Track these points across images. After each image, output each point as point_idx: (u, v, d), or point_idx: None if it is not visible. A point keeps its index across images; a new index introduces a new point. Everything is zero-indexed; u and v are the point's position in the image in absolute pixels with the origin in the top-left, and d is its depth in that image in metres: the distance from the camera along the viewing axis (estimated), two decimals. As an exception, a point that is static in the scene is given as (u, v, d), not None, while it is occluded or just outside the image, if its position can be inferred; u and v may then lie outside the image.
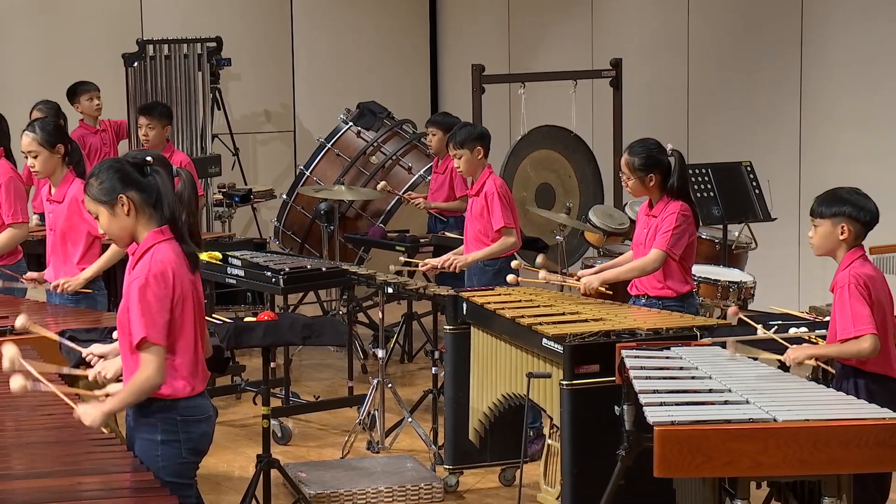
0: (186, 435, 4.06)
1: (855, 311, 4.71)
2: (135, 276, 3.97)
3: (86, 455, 3.91)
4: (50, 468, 3.77)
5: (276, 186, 10.76)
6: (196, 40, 10.31)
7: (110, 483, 3.67)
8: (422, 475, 6.43)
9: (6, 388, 4.18)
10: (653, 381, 4.37)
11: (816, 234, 4.89)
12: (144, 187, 4.04)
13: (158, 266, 3.95)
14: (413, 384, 8.32)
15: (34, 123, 6.25)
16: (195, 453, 4.13)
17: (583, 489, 5.21)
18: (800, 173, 9.03)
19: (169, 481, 3.90)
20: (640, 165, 5.98)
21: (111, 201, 4.02)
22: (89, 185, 4.08)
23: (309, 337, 6.04)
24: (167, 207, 4.04)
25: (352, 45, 11.76)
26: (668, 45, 9.95)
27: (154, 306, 3.92)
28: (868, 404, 4.11)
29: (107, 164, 4.10)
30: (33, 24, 10.53)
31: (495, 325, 5.89)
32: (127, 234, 4.06)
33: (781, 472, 3.84)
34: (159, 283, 3.94)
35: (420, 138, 9.52)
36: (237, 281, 7.35)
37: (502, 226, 6.85)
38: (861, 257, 4.83)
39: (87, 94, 9.25)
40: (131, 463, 3.85)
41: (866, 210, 4.83)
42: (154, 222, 4.04)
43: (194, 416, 4.08)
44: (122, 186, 4.02)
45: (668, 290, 6.02)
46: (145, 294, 3.92)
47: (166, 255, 3.99)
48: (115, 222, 4.05)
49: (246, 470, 6.52)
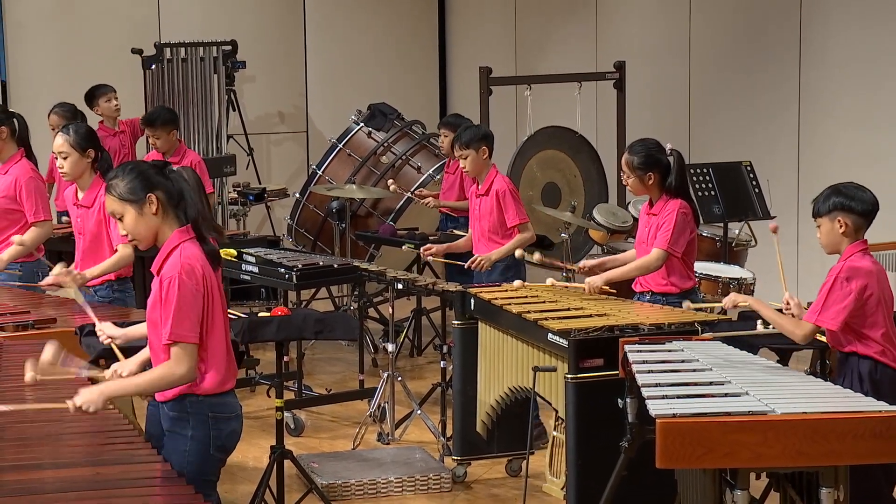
0: (216, 432, 4.03)
1: (830, 301, 4.71)
2: (166, 274, 3.94)
3: (107, 447, 3.91)
4: (74, 459, 3.77)
5: (290, 185, 10.77)
6: (212, 44, 10.34)
7: (129, 473, 3.67)
8: (430, 466, 6.43)
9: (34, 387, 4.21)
10: (655, 374, 4.37)
11: (821, 233, 4.87)
12: (167, 188, 4.03)
13: (188, 262, 3.94)
14: (422, 377, 8.33)
15: (69, 126, 6.25)
16: (222, 451, 4.10)
17: (587, 480, 5.20)
18: (799, 173, 9.02)
19: (194, 477, 3.86)
20: (640, 164, 5.98)
21: (139, 200, 4.00)
22: (113, 185, 4.04)
23: (321, 331, 6.04)
24: (191, 207, 4.03)
25: (363, 49, 11.76)
26: (670, 47, 9.94)
27: (187, 303, 3.90)
28: (864, 397, 4.10)
29: (129, 166, 4.09)
30: (53, 27, 10.54)
31: (502, 320, 5.89)
32: (152, 233, 4.04)
33: (780, 463, 3.83)
34: (191, 278, 3.92)
35: (429, 139, 9.52)
36: (251, 277, 7.35)
37: (518, 222, 6.87)
38: (862, 250, 4.80)
39: (104, 96, 9.22)
40: (152, 455, 3.85)
41: (859, 200, 4.79)
42: (177, 222, 4.03)
43: (225, 413, 4.05)
44: (149, 186, 4.01)
45: (671, 287, 6.02)
46: (178, 291, 3.89)
47: (193, 251, 3.99)
48: (142, 222, 4.02)
49: (260, 461, 6.52)
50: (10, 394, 4.36)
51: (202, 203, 4.09)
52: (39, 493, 3.45)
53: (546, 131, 8.93)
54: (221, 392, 4.02)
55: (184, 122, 9.97)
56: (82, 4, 10.63)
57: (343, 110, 10.30)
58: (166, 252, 4.00)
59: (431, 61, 12.17)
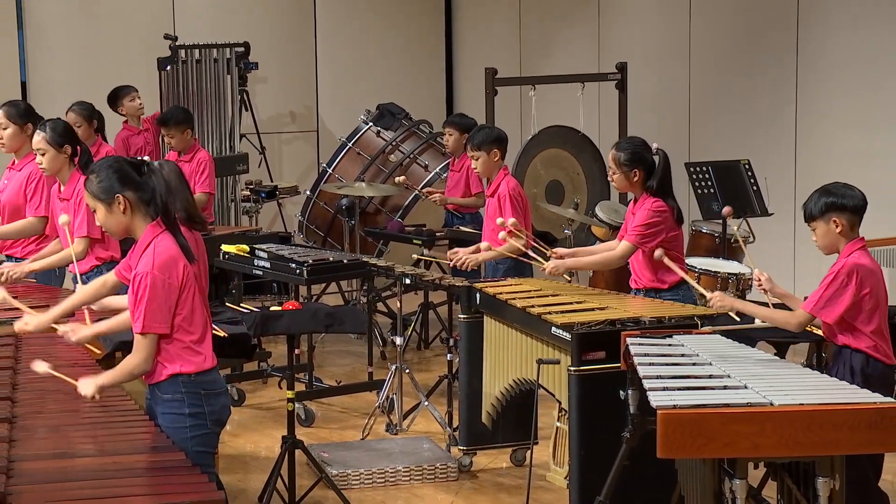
0: (210, 407, 4.13)
1: (829, 294, 4.70)
2: (140, 271, 4.03)
3: (121, 435, 3.93)
4: (88, 446, 3.79)
5: (301, 183, 10.77)
6: (225, 45, 10.35)
7: (143, 462, 3.68)
8: (437, 455, 6.43)
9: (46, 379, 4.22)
10: (656, 367, 4.37)
11: (817, 236, 4.85)
12: (141, 186, 4.11)
13: (161, 256, 4.03)
14: (429, 370, 8.33)
15: (46, 123, 6.23)
16: (218, 424, 4.20)
17: (589, 469, 5.20)
18: (796, 171, 9.01)
19: (196, 451, 3.98)
20: (626, 161, 5.97)
21: (108, 199, 4.10)
22: (89, 181, 4.15)
23: (331, 325, 6.04)
24: (159, 202, 4.09)
25: (372, 50, 11.76)
26: (670, 50, 9.93)
27: (158, 296, 3.99)
28: (860, 389, 4.10)
29: (107, 162, 4.18)
30: (74, 30, 10.55)
31: (507, 315, 5.89)
32: (122, 229, 4.15)
33: (777, 453, 3.83)
34: (164, 272, 4.01)
35: (436, 138, 9.52)
36: (263, 272, 7.35)
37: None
38: (861, 248, 4.79)
39: (128, 96, 9.23)
40: (162, 440, 3.87)
41: (850, 197, 4.79)
42: (150, 217, 4.11)
43: (215, 389, 4.16)
44: (120, 186, 4.10)
45: (659, 283, 6.01)
46: (149, 285, 3.99)
47: (167, 244, 4.06)
48: (111, 218, 4.13)
49: (272, 450, 6.53)
50: (28, 385, 4.37)
51: (182, 195, 4.15)
52: (62, 481, 3.46)
53: (550, 131, 8.92)
54: (208, 369, 4.13)
55: (198, 121, 9.98)
56: (100, 8, 10.64)
57: (352, 110, 10.30)
58: (142, 248, 4.09)
59: (438, 63, 12.16)
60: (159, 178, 4.10)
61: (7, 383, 4.35)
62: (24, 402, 4.17)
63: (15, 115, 6.49)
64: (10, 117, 6.48)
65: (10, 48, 10.32)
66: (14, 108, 6.55)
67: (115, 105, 9.22)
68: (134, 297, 4.03)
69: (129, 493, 3.39)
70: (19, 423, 3.92)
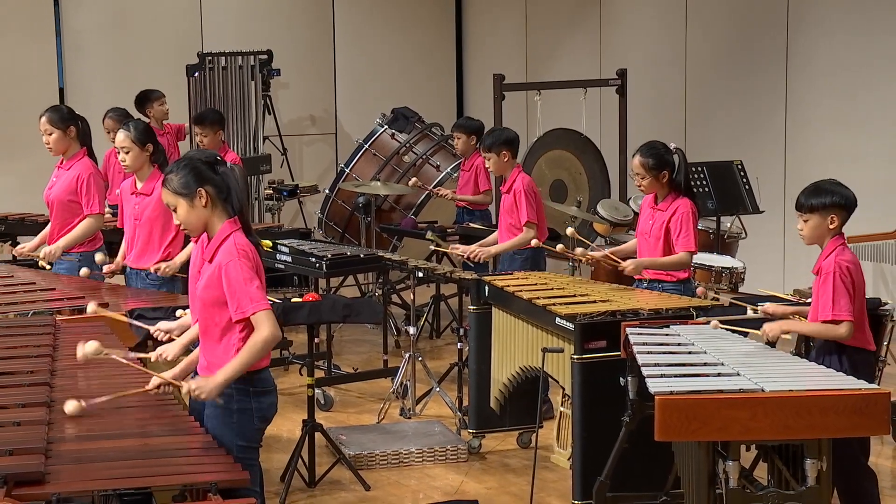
0: (258, 405, 4.02)
1: (836, 297, 4.66)
2: (224, 260, 3.93)
3: (155, 418, 3.92)
4: (124, 431, 3.78)
5: (320, 182, 10.76)
6: (249, 53, 10.34)
7: (172, 443, 3.68)
8: (448, 438, 6.43)
9: (86, 366, 4.20)
10: (654, 355, 4.36)
11: (807, 226, 4.79)
12: (217, 183, 4.02)
13: (241, 247, 3.95)
14: (440, 358, 8.32)
15: (129, 123, 6.30)
16: (264, 420, 4.09)
17: (591, 451, 5.19)
18: (785, 171, 8.98)
19: (240, 445, 3.92)
20: (654, 165, 5.94)
21: (190, 194, 4.00)
22: (168, 179, 4.04)
23: (349, 315, 6.04)
24: (237, 201, 4.03)
25: (387, 57, 11.76)
26: (668, 57, 9.91)
27: (248, 278, 3.90)
28: (846, 376, 4.08)
29: (184, 161, 4.08)
30: (108, 39, 10.56)
31: (514, 306, 5.88)
32: (202, 224, 4.04)
33: (768, 436, 3.82)
34: (248, 258, 3.93)
35: (447, 140, 9.51)
36: (285, 266, 7.35)
37: (525, 221, 6.84)
38: (843, 245, 4.77)
39: (158, 100, 9.26)
40: (196, 427, 3.86)
41: (849, 198, 4.77)
42: (226, 214, 4.03)
43: (264, 388, 4.04)
44: (200, 181, 4.00)
45: (668, 276, 5.99)
46: (239, 270, 3.90)
47: (244, 239, 4.00)
48: (192, 213, 4.02)
49: (293, 433, 6.53)
50: (66, 371, 4.37)
51: (246, 199, 4.09)
52: (94, 461, 3.46)
53: (554, 133, 8.92)
54: (259, 369, 4.02)
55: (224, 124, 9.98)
56: (133, 18, 10.65)
57: (369, 114, 10.29)
58: (219, 241, 4.00)
59: (449, 69, 12.15)
60: (234, 177, 4.04)
61: (45, 369, 4.35)
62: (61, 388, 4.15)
63: (57, 121, 6.50)
64: (53, 123, 6.49)
65: (49, 55, 10.33)
66: (56, 113, 6.56)
67: (143, 107, 9.23)
68: (229, 285, 3.90)
69: (158, 473, 3.39)
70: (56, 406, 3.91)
